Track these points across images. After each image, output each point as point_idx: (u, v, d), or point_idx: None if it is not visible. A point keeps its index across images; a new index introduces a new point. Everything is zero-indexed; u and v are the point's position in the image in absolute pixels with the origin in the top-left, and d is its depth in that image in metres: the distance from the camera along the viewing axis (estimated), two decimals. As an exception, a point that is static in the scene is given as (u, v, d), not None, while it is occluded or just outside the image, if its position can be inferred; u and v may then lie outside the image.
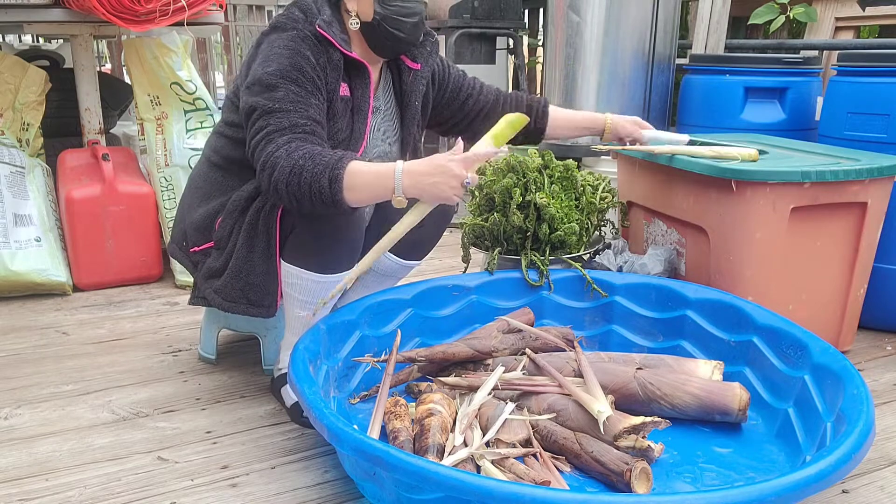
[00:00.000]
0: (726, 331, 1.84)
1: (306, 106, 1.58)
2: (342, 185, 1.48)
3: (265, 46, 1.64)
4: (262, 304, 1.71)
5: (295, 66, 1.58)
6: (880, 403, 1.84)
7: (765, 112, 2.57)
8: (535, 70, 5.17)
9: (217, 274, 1.72)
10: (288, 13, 1.68)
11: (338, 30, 1.66)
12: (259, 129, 1.57)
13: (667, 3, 2.78)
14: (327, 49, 1.64)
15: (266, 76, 1.58)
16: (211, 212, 1.75)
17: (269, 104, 1.56)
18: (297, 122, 1.55)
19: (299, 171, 1.49)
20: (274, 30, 1.66)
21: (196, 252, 1.79)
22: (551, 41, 2.98)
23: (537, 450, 1.48)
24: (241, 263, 1.67)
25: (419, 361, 1.79)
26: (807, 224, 1.91)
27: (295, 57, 1.59)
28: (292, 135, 1.54)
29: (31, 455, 1.61)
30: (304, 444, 1.65)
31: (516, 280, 2.04)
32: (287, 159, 1.50)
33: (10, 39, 6.17)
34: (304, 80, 1.59)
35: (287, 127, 1.54)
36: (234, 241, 1.69)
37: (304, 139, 1.54)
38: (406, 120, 1.86)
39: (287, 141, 1.53)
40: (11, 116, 2.78)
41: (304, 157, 1.50)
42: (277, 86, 1.57)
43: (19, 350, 2.19)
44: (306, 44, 1.61)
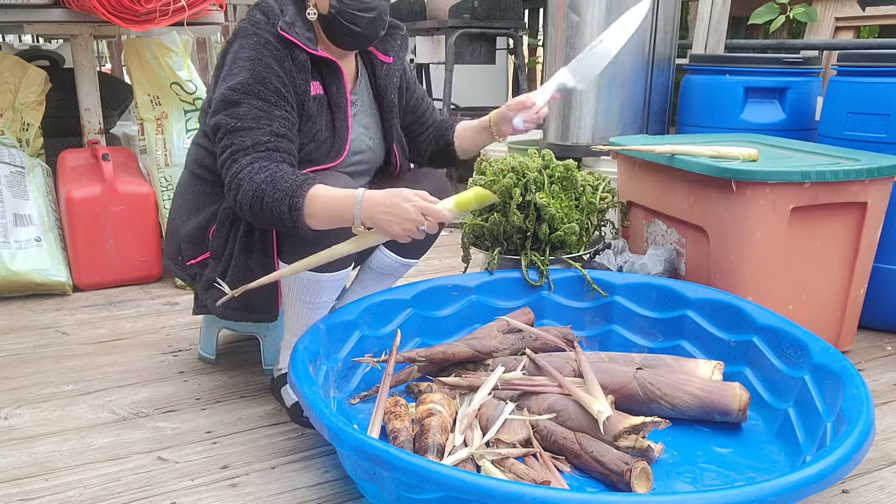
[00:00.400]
0: (726, 331, 1.84)
1: (269, 121, 1.56)
2: (302, 211, 1.48)
3: (230, 57, 1.62)
4: (265, 310, 1.72)
5: (256, 79, 1.56)
6: (880, 403, 1.84)
7: (765, 112, 2.56)
8: (535, 70, 5.17)
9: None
10: (249, 17, 1.65)
11: (302, 29, 1.63)
12: (224, 149, 1.57)
13: (667, 3, 2.78)
14: (291, 51, 1.61)
15: (228, 92, 1.57)
16: (202, 223, 1.73)
17: (232, 122, 1.55)
18: (259, 140, 1.54)
19: (261, 195, 1.49)
20: (237, 37, 1.64)
21: (193, 265, 1.78)
22: (551, 41, 2.98)
23: (537, 450, 1.48)
24: (239, 272, 1.66)
25: (419, 361, 1.79)
26: (807, 224, 1.91)
27: (256, 67, 1.57)
28: (255, 154, 1.53)
29: (31, 455, 1.61)
30: (304, 444, 1.65)
31: (516, 280, 2.04)
32: (249, 182, 1.50)
33: (10, 39, 6.17)
34: (267, 91, 1.57)
35: (250, 146, 1.54)
36: (231, 249, 1.68)
37: (267, 157, 1.53)
38: (385, 113, 1.85)
39: (250, 161, 1.52)
40: (11, 116, 2.78)
41: (265, 181, 1.49)
42: (240, 102, 1.56)
43: (19, 350, 2.19)
44: (268, 50, 1.59)
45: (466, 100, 4.82)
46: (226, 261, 1.69)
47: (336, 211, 1.48)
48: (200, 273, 1.77)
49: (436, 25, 3.80)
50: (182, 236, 1.79)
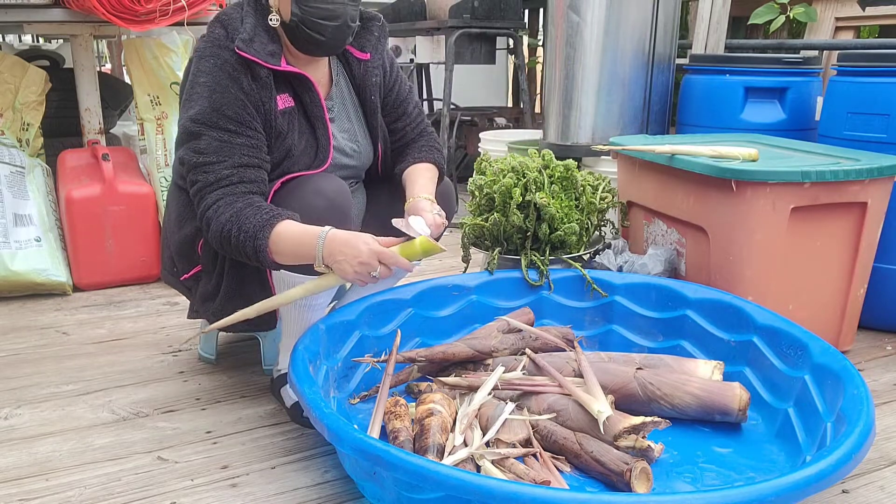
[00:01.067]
0: (726, 331, 1.84)
1: (230, 152, 1.54)
2: (267, 251, 1.49)
3: (190, 80, 1.59)
4: (262, 320, 1.70)
5: (214, 107, 1.53)
6: (880, 403, 1.84)
7: (765, 112, 2.56)
8: (535, 70, 5.17)
9: (211, 297, 1.70)
10: (209, 33, 1.60)
11: (262, 44, 1.57)
12: (192, 184, 1.57)
13: (667, 3, 2.78)
14: (252, 69, 1.56)
15: (189, 123, 1.55)
16: (189, 237, 1.71)
17: (195, 158, 1.54)
18: (221, 175, 1.53)
19: (227, 235, 1.50)
20: (195, 57, 1.60)
21: (187, 279, 1.77)
22: (551, 41, 2.98)
23: (537, 450, 1.48)
24: (233, 284, 1.66)
25: (419, 361, 1.79)
26: (807, 224, 1.91)
27: (213, 95, 1.54)
28: (220, 190, 1.53)
29: (31, 455, 1.61)
30: (304, 444, 1.65)
31: (516, 280, 2.04)
32: (216, 222, 1.51)
33: (10, 39, 6.17)
34: (226, 119, 1.54)
35: (213, 182, 1.53)
36: (222, 263, 1.66)
37: (230, 192, 1.52)
38: (367, 113, 1.80)
39: (215, 200, 1.52)
40: (11, 116, 2.78)
41: (230, 221, 1.49)
42: (200, 134, 1.55)
43: (19, 350, 2.19)
44: (225, 72, 1.54)
45: (466, 100, 4.82)
46: (218, 274, 1.68)
47: (300, 249, 1.49)
48: (195, 286, 1.75)
49: (436, 25, 3.80)
50: (174, 248, 1.77)
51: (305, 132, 1.67)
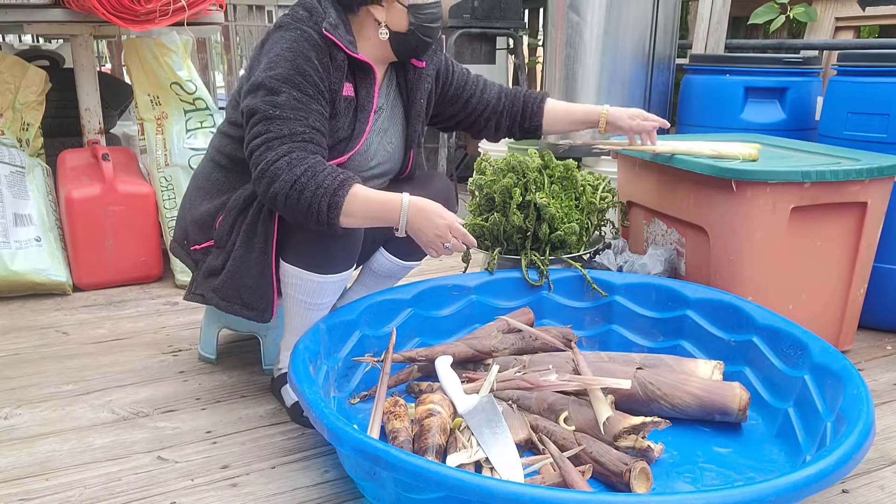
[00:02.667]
0: (726, 331, 1.84)
1: (307, 113, 1.57)
2: (340, 210, 1.51)
3: (269, 46, 1.64)
4: (256, 308, 1.70)
5: (298, 70, 1.57)
6: (880, 403, 1.84)
7: (765, 112, 2.56)
8: (535, 70, 5.17)
9: (216, 272, 1.72)
10: (293, 13, 1.67)
11: (344, 32, 1.64)
12: (258, 134, 1.56)
13: (667, 3, 2.77)
14: (331, 50, 1.63)
15: (269, 80, 1.57)
16: (212, 210, 1.74)
17: (270, 109, 1.56)
18: (296, 130, 1.55)
19: (300, 188, 1.50)
20: (278, 29, 1.66)
21: (197, 250, 1.79)
22: (551, 41, 2.98)
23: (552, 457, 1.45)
24: (238, 264, 1.67)
25: (419, 361, 1.79)
26: (807, 224, 1.91)
27: (298, 60, 1.58)
28: (292, 143, 1.54)
29: (31, 455, 1.61)
30: (304, 444, 1.65)
31: (516, 280, 2.04)
32: (288, 172, 1.51)
33: (10, 39, 6.17)
34: (307, 84, 1.58)
35: (287, 135, 1.54)
36: (234, 240, 1.68)
37: (303, 148, 1.54)
38: (411, 118, 1.85)
39: (287, 151, 1.53)
40: (11, 116, 2.78)
41: (305, 174, 1.50)
42: (280, 90, 1.56)
43: (19, 350, 2.19)
44: (310, 44, 1.60)
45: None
46: (227, 252, 1.70)
47: (377, 213, 1.55)
48: (203, 260, 1.77)
49: (436, 25, 3.80)
50: (191, 220, 1.79)
51: (350, 123, 1.72)
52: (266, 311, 1.71)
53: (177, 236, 1.87)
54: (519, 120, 1.98)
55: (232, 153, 1.74)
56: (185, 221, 1.82)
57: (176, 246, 1.87)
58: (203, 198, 1.78)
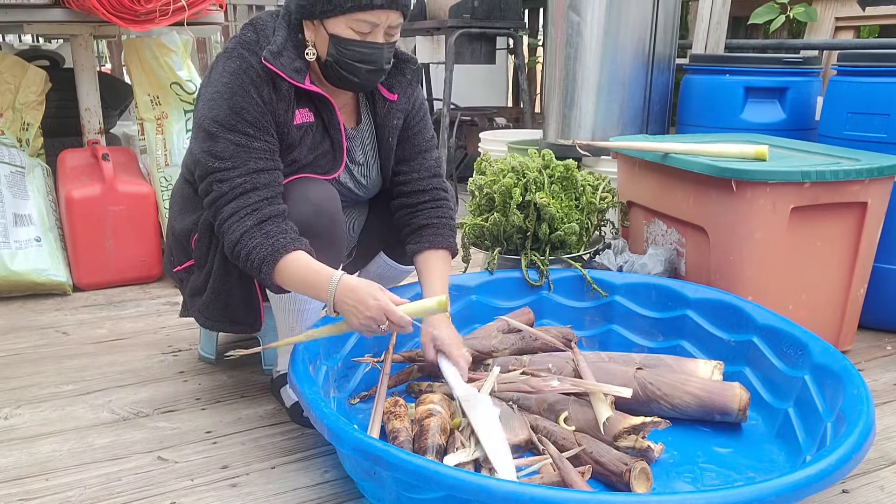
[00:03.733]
0: (726, 331, 1.84)
1: (247, 157, 1.54)
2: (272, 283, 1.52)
3: (214, 77, 1.58)
4: (245, 322, 1.71)
5: (234, 110, 1.53)
6: (880, 403, 1.84)
7: (765, 112, 2.56)
8: (535, 70, 5.17)
9: (199, 292, 1.71)
10: (241, 35, 1.61)
11: (290, 58, 1.56)
12: (205, 193, 1.57)
13: (667, 3, 2.77)
14: (274, 80, 1.56)
15: (208, 123, 1.55)
16: (186, 228, 1.72)
17: (211, 162, 1.54)
18: (235, 184, 1.53)
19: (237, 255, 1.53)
20: (224, 54, 1.60)
21: (180, 270, 1.78)
22: (551, 41, 2.98)
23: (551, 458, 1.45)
24: (219, 284, 1.66)
25: (419, 361, 1.79)
26: (807, 224, 1.91)
27: (235, 98, 1.54)
28: (234, 202, 1.52)
29: (31, 455, 1.61)
30: (304, 444, 1.65)
31: (516, 280, 2.04)
32: (228, 239, 1.53)
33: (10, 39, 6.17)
34: (245, 123, 1.53)
35: (227, 192, 1.53)
36: (212, 261, 1.67)
37: (244, 202, 1.52)
38: (382, 153, 1.79)
39: (229, 213, 1.53)
40: (11, 116, 2.78)
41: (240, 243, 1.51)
42: (217, 135, 1.54)
43: (19, 350, 2.19)
44: (248, 76, 1.54)
45: (466, 100, 4.82)
46: (207, 272, 1.69)
47: (308, 286, 1.50)
48: (186, 279, 1.77)
49: (436, 25, 3.80)
50: (172, 239, 1.79)
51: (322, 146, 1.67)
52: (255, 322, 1.72)
53: (166, 252, 1.87)
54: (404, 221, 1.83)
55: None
56: (170, 239, 1.81)
57: (166, 262, 1.88)
58: (179, 213, 1.76)
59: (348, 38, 1.54)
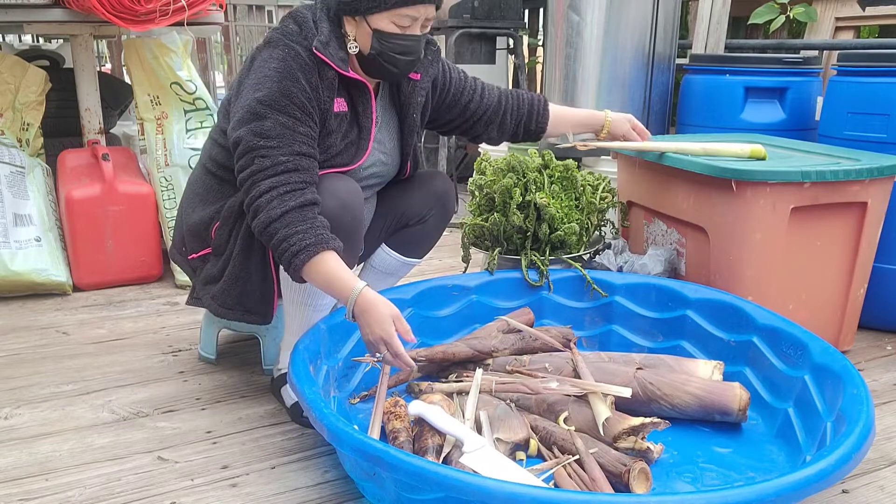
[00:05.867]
0: (726, 331, 1.84)
1: (292, 139, 1.56)
2: (299, 273, 1.53)
3: (258, 64, 1.61)
4: (259, 312, 1.72)
5: (284, 93, 1.56)
6: (880, 403, 1.84)
7: (765, 112, 2.56)
8: (535, 70, 5.17)
9: (214, 280, 1.72)
10: (283, 27, 1.65)
11: (335, 49, 1.61)
12: (243, 167, 1.57)
13: (667, 3, 2.77)
14: (321, 68, 1.60)
15: (254, 104, 1.56)
16: (206, 218, 1.74)
17: (254, 140, 1.55)
18: (278, 161, 1.54)
19: (271, 233, 1.52)
20: (267, 45, 1.63)
21: (194, 259, 1.79)
22: (551, 41, 2.98)
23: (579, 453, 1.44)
24: (237, 271, 1.67)
25: (419, 361, 1.79)
26: (807, 224, 1.91)
27: (284, 81, 1.56)
28: (274, 178, 1.53)
29: (31, 455, 1.61)
30: (304, 444, 1.65)
31: (516, 280, 2.04)
32: (265, 213, 1.52)
33: (10, 39, 6.17)
34: (294, 106, 1.56)
35: (268, 167, 1.53)
36: (232, 248, 1.68)
37: (285, 180, 1.53)
38: (405, 131, 1.84)
39: (268, 188, 1.53)
40: (11, 116, 2.78)
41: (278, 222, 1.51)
42: (265, 115, 1.55)
43: (19, 350, 2.19)
44: (297, 63, 1.58)
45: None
46: (225, 259, 1.70)
47: (330, 289, 1.54)
48: (201, 267, 1.77)
49: (436, 25, 3.80)
50: (187, 228, 1.79)
51: (350, 135, 1.70)
52: (268, 313, 1.73)
53: (175, 243, 1.87)
54: (525, 121, 1.99)
55: (224, 162, 1.72)
56: (182, 228, 1.82)
57: (175, 252, 1.88)
58: (198, 204, 1.77)
59: (391, 31, 1.60)
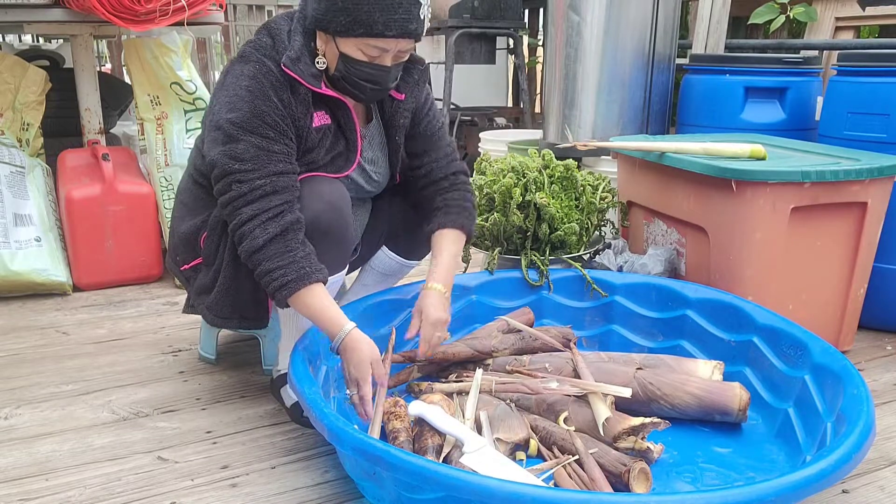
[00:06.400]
0: (726, 331, 1.84)
1: (267, 160, 1.53)
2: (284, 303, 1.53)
3: (230, 81, 1.58)
4: (255, 317, 1.71)
5: (255, 113, 1.53)
6: (880, 403, 1.84)
7: (765, 112, 2.56)
8: (535, 70, 5.17)
9: (207, 290, 1.71)
10: (256, 40, 1.61)
11: (307, 64, 1.57)
12: (222, 192, 1.56)
13: (667, 3, 2.77)
14: (292, 84, 1.57)
15: (227, 125, 1.54)
16: (195, 228, 1.72)
17: (229, 163, 1.53)
18: (255, 186, 1.52)
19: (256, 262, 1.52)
20: (240, 60, 1.60)
21: (186, 269, 1.78)
22: (551, 41, 2.98)
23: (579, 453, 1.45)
24: (228, 281, 1.66)
25: (419, 361, 1.79)
26: (807, 224, 1.91)
27: (255, 101, 1.53)
28: (255, 204, 1.52)
29: (31, 455, 1.61)
30: (304, 444, 1.65)
31: (516, 280, 2.04)
32: (249, 243, 1.52)
33: (10, 39, 6.17)
34: (266, 126, 1.53)
35: (246, 193, 1.52)
36: (221, 257, 1.67)
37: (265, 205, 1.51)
38: (391, 150, 1.81)
39: (250, 216, 1.51)
40: (11, 116, 2.78)
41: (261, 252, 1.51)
42: (238, 138, 1.53)
43: (19, 350, 2.19)
44: (268, 80, 1.54)
45: (466, 100, 4.82)
46: (216, 269, 1.69)
47: (318, 324, 1.55)
48: (194, 277, 1.76)
49: (436, 25, 3.80)
50: (178, 238, 1.78)
51: (337, 147, 1.68)
52: (264, 318, 1.72)
53: (169, 251, 1.86)
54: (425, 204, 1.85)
55: (208, 172, 1.67)
56: (174, 238, 1.81)
57: (170, 261, 1.87)
58: (186, 214, 1.76)
59: (357, 58, 1.55)
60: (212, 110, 1.61)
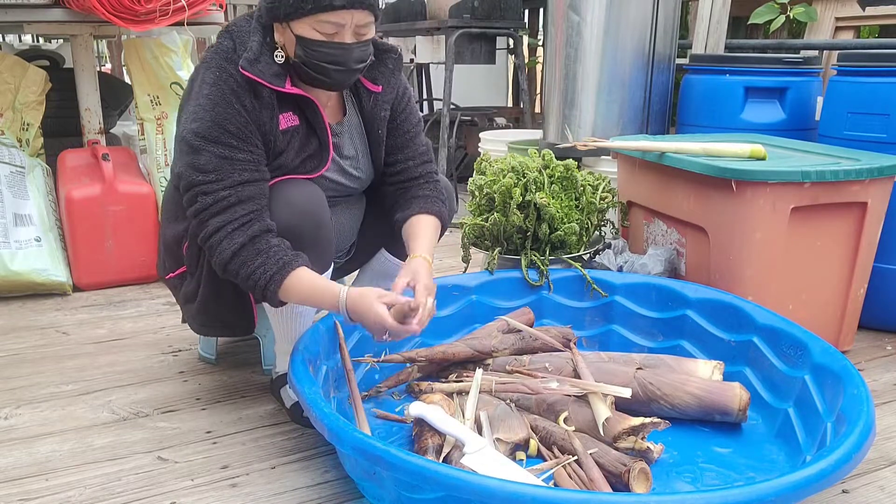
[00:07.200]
0: (726, 331, 1.84)
1: (231, 170, 1.52)
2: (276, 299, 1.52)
3: (195, 89, 1.56)
4: (239, 325, 1.71)
5: (217, 123, 1.50)
6: (880, 403, 1.84)
7: (765, 112, 2.56)
8: (535, 70, 5.17)
9: (191, 299, 1.70)
10: (218, 44, 1.58)
11: (267, 63, 1.54)
12: (188, 204, 1.55)
13: (667, 3, 2.77)
14: (254, 88, 1.53)
15: (190, 136, 1.52)
16: (178, 235, 1.70)
17: (193, 175, 1.52)
18: (220, 197, 1.51)
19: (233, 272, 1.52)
20: (203, 66, 1.58)
21: (172, 278, 1.77)
22: (551, 41, 2.98)
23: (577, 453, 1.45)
24: (209, 290, 1.65)
25: (419, 361, 1.79)
26: (807, 224, 1.91)
27: (216, 109, 1.51)
28: (220, 216, 1.51)
29: (31, 455, 1.61)
30: (304, 444, 1.65)
31: (516, 280, 2.04)
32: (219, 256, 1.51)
33: (10, 39, 6.17)
34: (228, 135, 1.51)
35: (211, 205, 1.51)
36: (202, 265, 1.65)
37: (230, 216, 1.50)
38: (373, 145, 1.77)
39: (216, 227, 1.51)
40: (11, 116, 2.78)
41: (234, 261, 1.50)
42: (200, 149, 1.51)
43: (19, 350, 2.19)
44: (229, 86, 1.51)
45: (466, 100, 4.82)
46: (198, 278, 1.68)
47: (315, 304, 1.55)
48: (179, 286, 1.76)
49: (436, 25, 3.80)
50: (163, 246, 1.78)
51: (309, 148, 1.65)
52: (249, 325, 1.72)
53: (159, 259, 1.85)
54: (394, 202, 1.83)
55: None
56: (161, 245, 1.80)
57: (160, 269, 1.86)
58: (171, 221, 1.74)
59: (314, 38, 1.51)
60: (179, 121, 1.60)
